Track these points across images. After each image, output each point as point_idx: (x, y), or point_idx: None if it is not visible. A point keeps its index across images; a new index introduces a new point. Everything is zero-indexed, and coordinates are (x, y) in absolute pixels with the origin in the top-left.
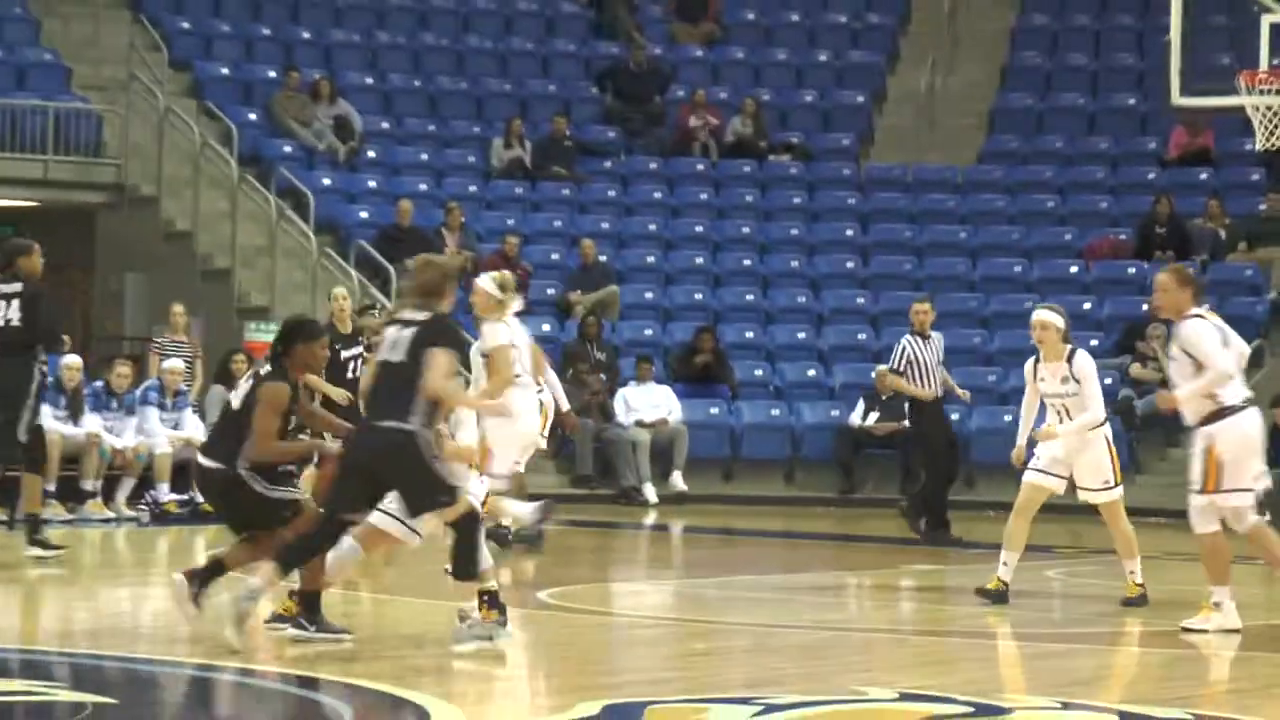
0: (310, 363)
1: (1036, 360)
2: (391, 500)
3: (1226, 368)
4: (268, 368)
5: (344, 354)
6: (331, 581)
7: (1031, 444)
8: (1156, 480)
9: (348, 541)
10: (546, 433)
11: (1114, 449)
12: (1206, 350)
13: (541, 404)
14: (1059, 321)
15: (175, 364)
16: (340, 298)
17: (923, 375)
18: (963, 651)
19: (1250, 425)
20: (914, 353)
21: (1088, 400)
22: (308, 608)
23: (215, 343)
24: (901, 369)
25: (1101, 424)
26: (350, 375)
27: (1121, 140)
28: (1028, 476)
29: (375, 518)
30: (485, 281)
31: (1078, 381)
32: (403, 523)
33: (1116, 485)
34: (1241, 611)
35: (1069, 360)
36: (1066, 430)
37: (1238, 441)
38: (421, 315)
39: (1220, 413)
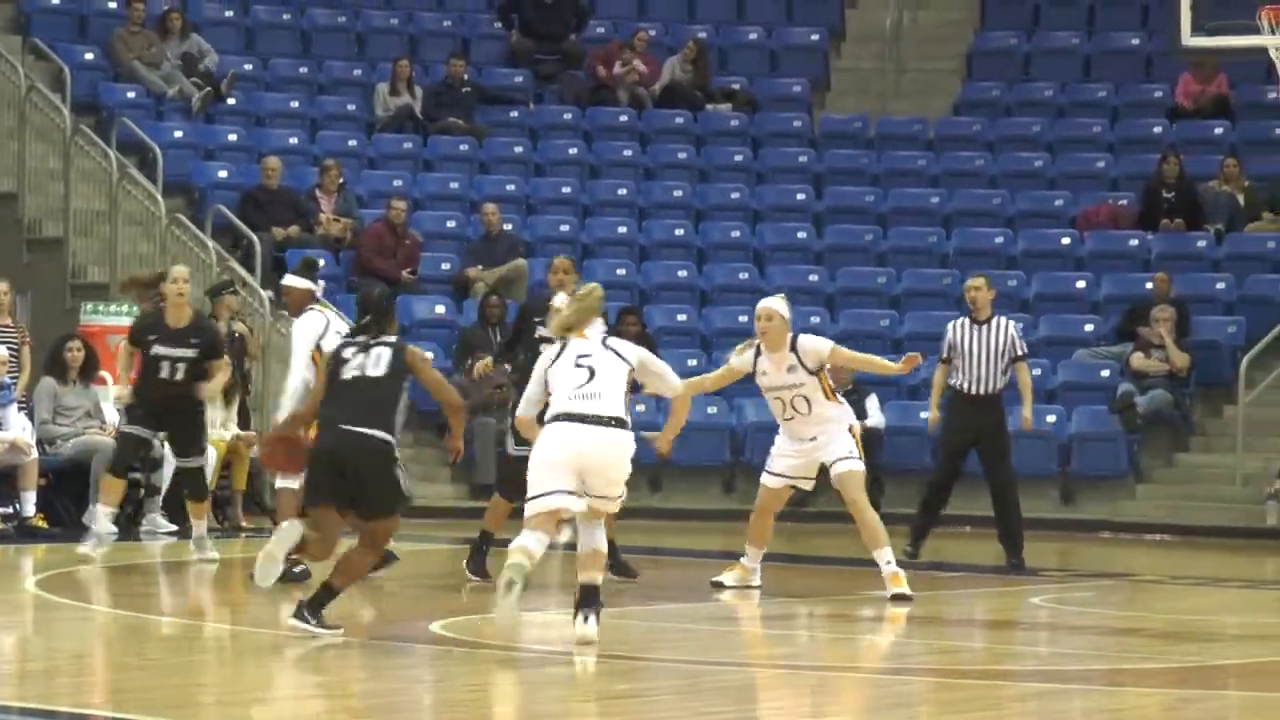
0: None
1: (758, 354)
2: None
3: None
4: (392, 337)
5: (162, 351)
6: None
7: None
8: (1161, 491)
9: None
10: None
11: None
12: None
13: None
14: (785, 311)
15: None
16: (180, 279)
17: (971, 366)
18: (931, 694)
19: None
20: (958, 338)
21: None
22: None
23: (45, 326)
24: (947, 357)
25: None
26: (165, 376)
27: (1123, 88)
28: (765, 480)
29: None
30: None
31: (806, 369)
32: None
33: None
34: (1257, 644)
35: (793, 349)
36: None
37: None
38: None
39: None
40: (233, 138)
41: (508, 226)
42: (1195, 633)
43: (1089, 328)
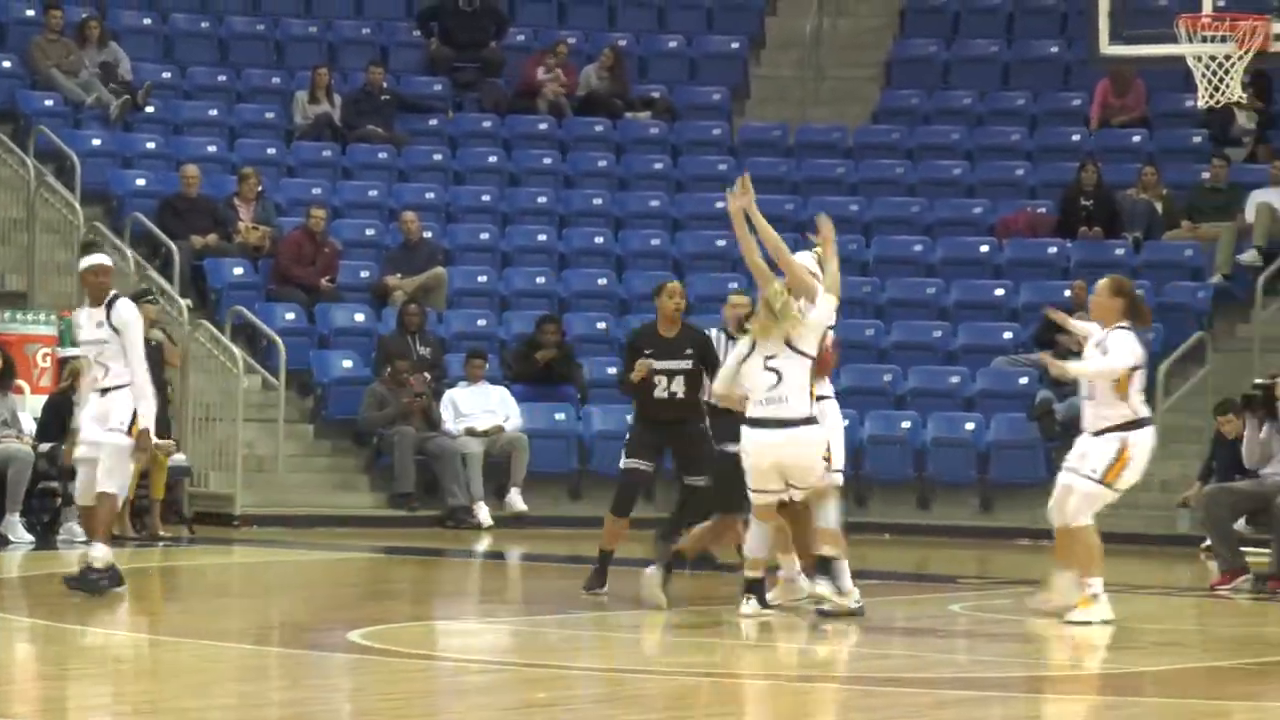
0: None
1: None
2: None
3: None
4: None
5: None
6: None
7: None
8: None
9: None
10: None
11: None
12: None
13: None
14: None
15: None
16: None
17: None
18: (852, 701)
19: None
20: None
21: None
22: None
23: None
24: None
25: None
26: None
27: (1041, 96)
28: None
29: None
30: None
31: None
32: None
33: None
34: (1176, 651)
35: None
36: None
37: (1147, 451)
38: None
39: (1138, 423)
40: (151, 146)
41: (427, 234)
42: (1113, 640)
43: (1007, 335)
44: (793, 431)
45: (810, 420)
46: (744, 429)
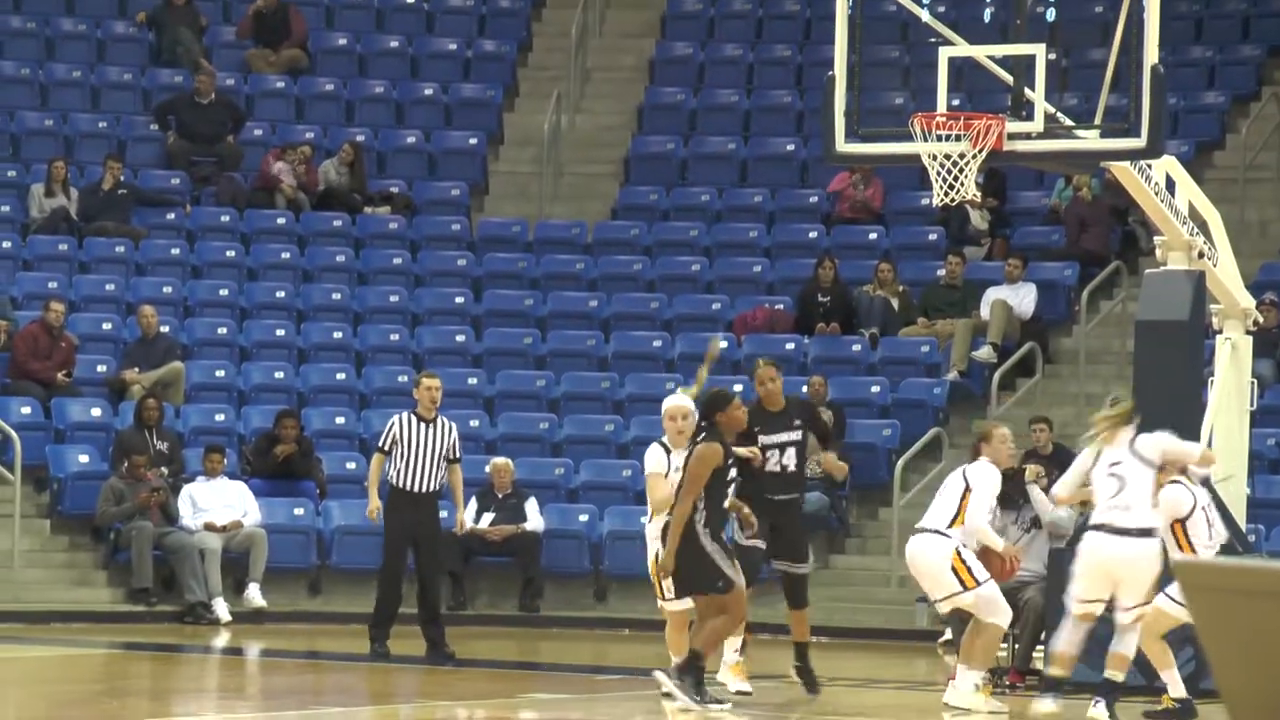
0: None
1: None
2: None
3: None
4: None
5: None
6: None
7: None
8: (817, 594)
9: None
10: None
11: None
12: None
13: None
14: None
15: None
16: None
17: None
18: None
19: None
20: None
21: None
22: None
23: None
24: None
25: None
26: None
27: (778, 193)
28: None
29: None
30: None
31: None
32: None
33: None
34: None
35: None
36: None
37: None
38: None
39: None
40: None
41: (164, 329)
42: None
43: None
44: (1131, 542)
45: (1148, 533)
46: (1087, 534)
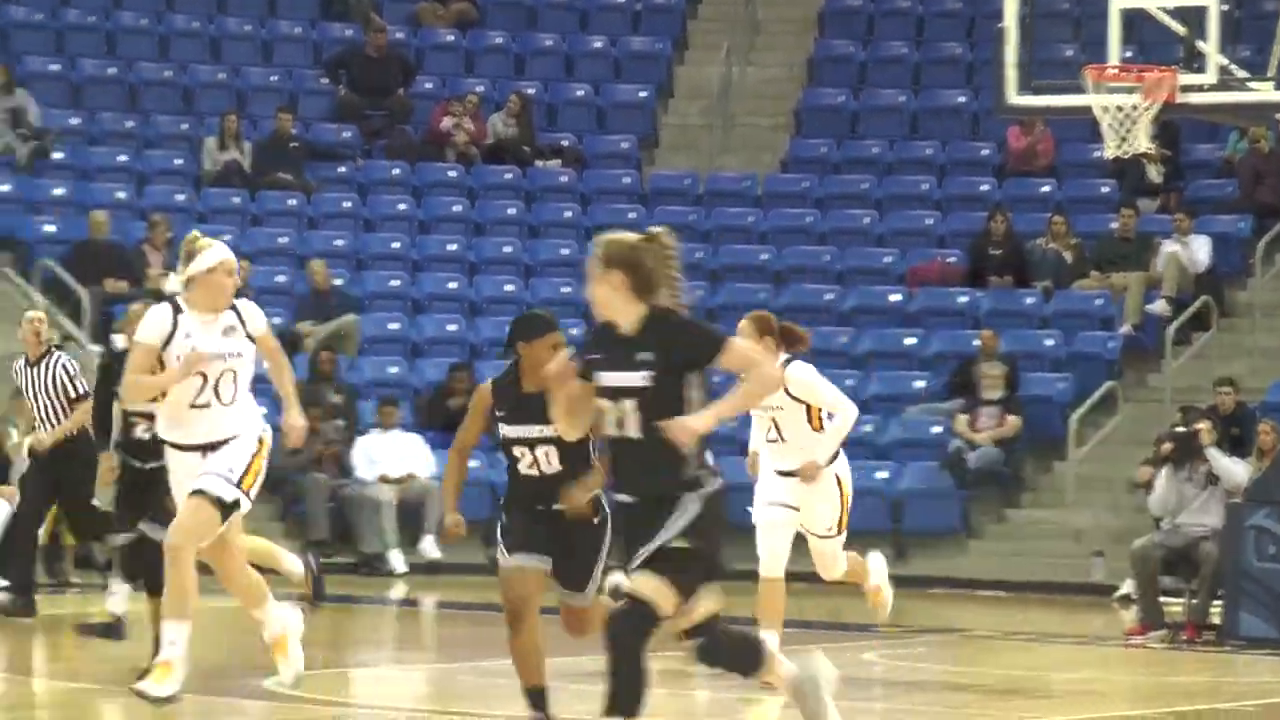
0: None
1: None
2: None
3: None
4: None
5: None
6: None
7: None
8: (992, 547)
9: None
10: None
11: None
12: (826, 393)
13: None
14: None
15: None
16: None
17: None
18: None
19: None
20: None
21: None
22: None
23: None
24: None
25: None
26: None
27: (949, 146)
28: None
29: None
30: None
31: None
32: None
33: None
34: (1090, 700)
35: None
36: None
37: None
38: None
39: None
40: (59, 192)
41: (337, 282)
42: (1027, 689)
43: (919, 384)
44: None
45: None
46: None
